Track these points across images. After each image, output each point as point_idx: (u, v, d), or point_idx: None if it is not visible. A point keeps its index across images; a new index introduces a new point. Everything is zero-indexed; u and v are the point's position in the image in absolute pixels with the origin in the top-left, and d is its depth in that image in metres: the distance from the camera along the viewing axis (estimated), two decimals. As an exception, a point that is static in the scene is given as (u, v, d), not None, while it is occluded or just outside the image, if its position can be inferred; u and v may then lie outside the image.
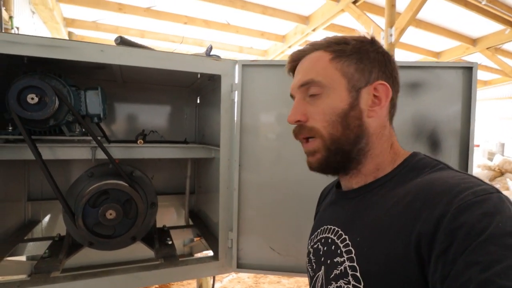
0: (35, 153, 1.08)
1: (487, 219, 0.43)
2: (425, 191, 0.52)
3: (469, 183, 0.50)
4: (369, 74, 0.65)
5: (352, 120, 0.64)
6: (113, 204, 1.17)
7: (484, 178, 5.31)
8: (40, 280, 1.09)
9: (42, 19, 3.64)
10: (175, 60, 1.20)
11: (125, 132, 1.79)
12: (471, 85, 1.25)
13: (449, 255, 0.43)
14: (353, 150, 0.65)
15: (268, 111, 1.31)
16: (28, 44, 1.02)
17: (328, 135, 0.64)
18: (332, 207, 0.77)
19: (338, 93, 0.64)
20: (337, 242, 0.66)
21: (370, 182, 0.67)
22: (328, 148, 0.65)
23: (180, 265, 1.27)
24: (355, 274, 0.57)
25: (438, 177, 0.55)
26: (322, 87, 0.65)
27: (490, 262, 0.40)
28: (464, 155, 1.26)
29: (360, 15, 3.80)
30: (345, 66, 0.65)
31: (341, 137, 0.64)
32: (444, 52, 6.04)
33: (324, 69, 0.66)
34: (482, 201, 0.45)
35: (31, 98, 1.09)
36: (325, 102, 0.65)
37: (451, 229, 0.44)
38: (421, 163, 0.63)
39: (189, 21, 4.40)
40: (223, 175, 1.31)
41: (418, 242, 0.48)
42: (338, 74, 0.65)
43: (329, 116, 0.64)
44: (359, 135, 0.64)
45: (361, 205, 0.66)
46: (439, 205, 0.48)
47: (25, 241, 1.44)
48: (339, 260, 0.62)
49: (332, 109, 0.64)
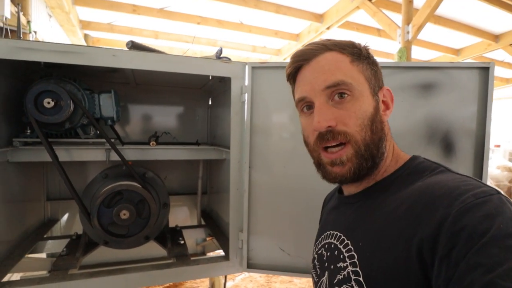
0: (52, 155, 1.12)
1: (489, 221, 0.43)
2: (426, 195, 0.52)
3: (469, 185, 0.49)
4: (378, 79, 0.67)
5: (377, 124, 0.63)
6: (127, 205, 1.20)
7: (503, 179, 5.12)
8: (59, 277, 1.13)
9: (59, 22, 3.74)
10: (185, 64, 1.22)
11: (138, 133, 1.83)
12: (488, 86, 1.21)
13: (452, 258, 0.43)
14: (378, 154, 0.63)
15: (278, 112, 1.32)
16: (44, 51, 1.06)
17: (361, 140, 0.61)
18: (334, 212, 0.77)
19: (365, 96, 0.63)
20: (339, 247, 0.66)
21: (370, 186, 0.67)
22: (361, 155, 0.61)
23: (191, 264, 1.29)
24: (358, 279, 0.57)
25: (438, 180, 0.55)
26: (352, 90, 0.62)
27: (492, 264, 0.40)
28: (479, 157, 1.23)
29: (376, 12, 3.72)
30: (364, 69, 0.64)
31: (370, 142, 0.62)
32: (465, 49, 5.84)
33: (349, 70, 0.63)
34: (483, 203, 0.45)
35: (47, 102, 1.13)
36: (356, 105, 0.61)
37: (453, 232, 0.44)
38: (420, 166, 0.62)
39: (202, 21, 4.43)
40: (234, 177, 1.32)
41: (420, 246, 0.47)
42: (362, 77, 0.63)
43: (361, 120, 0.61)
44: (381, 139, 0.64)
45: (363, 210, 0.65)
46: (440, 208, 0.47)
47: (45, 239, 1.49)
48: (342, 265, 0.62)
49: (364, 112, 0.62)
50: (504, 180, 5.02)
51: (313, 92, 0.63)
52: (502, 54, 5.87)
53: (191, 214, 1.98)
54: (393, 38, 3.57)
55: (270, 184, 1.32)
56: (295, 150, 1.30)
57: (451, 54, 5.89)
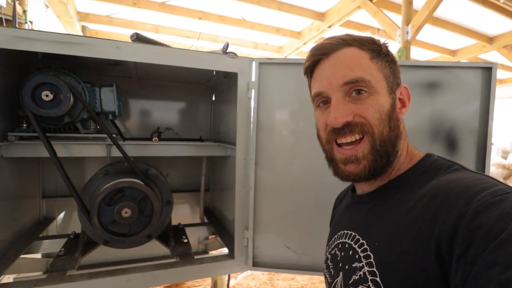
0: (50, 151, 1.07)
1: (506, 219, 0.42)
2: (442, 193, 0.51)
3: (485, 183, 0.49)
4: (396, 77, 0.66)
5: (394, 121, 0.63)
6: (129, 202, 1.16)
7: (498, 176, 5.21)
8: (57, 278, 1.08)
9: (56, 13, 3.63)
10: (191, 58, 1.18)
11: (140, 129, 1.78)
12: (490, 85, 1.25)
13: (469, 256, 0.42)
14: (393, 152, 0.63)
15: (285, 109, 1.29)
16: (44, 41, 1.01)
17: (378, 133, 0.61)
18: (348, 211, 0.76)
19: (383, 93, 0.63)
20: (354, 247, 0.65)
21: (385, 184, 0.66)
22: (376, 150, 0.61)
23: (195, 264, 1.25)
24: (375, 279, 0.56)
25: (454, 179, 0.54)
26: (370, 87, 0.61)
27: (510, 262, 0.39)
28: (482, 154, 1.26)
29: (377, 12, 3.73)
30: (383, 67, 0.64)
31: (387, 138, 0.62)
32: (460, 50, 5.92)
33: (369, 67, 0.62)
34: (500, 201, 0.45)
35: (46, 95, 1.08)
36: (374, 100, 0.61)
37: (470, 230, 0.44)
38: (435, 164, 0.62)
39: (204, 17, 4.37)
40: (239, 174, 1.29)
41: (438, 244, 0.47)
42: (380, 75, 0.63)
43: (379, 114, 0.61)
44: (397, 136, 0.64)
45: (377, 209, 0.65)
46: (457, 206, 0.47)
47: (40, 239, 1.44)
48: (357, 265, 0.61)
49: (382, 107, 0.61)
50: (499, 177, 5.10)
51: (331, 87, 0.63)
52: (496, 55, 5.95)
53: (194, 212, 1.94)
54: (393, 38, 3.58)
55: (276, 182, 1.30)
56: (301, 147, 1.28)
57: (447, 55, 5.96)
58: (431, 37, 5.19)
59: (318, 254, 1.29)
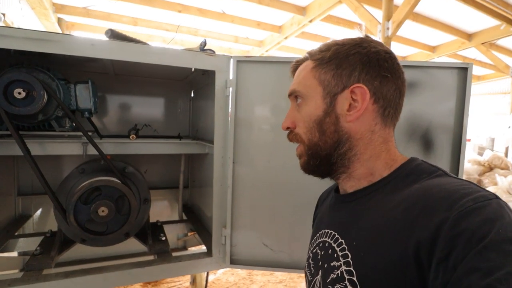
0: (23, 149, 1.06)
1: (488, 226, 0.43)
2: (424, 198, 0.52)
3: (468, 189, 0.49)
4: (347, 78, 0.63)
5: (327, 126, 0.65)
6: (105, 201, 1.16)
7: (473, 173, 5.37)
8: (32, 278, 1.08)
9: (30, 4, 3.50)
10: (168, 55, 1.17)
11: (117, 126, 1.76)
12: (466, 85, 1.26)
13: (450, 262, 0.43)
14: (333, 154, 0.66)
15: (263, 107, 1.30)
16: (16, 37, 0.98)
17: (307, 141, 0.68)
18: (330, 210, 0.77)
19: (314, 101, 0.66)
20: (333, 246, 0.65)
21: (366, 187, 0.66)
22: (307, 153, 0.69)
23: (173, 262, 1.27)
24: (352, 279, 0.56)
25: (436, 184, 0.54)
26: (302, 96, 0.69)
27: (490, 269, 0.40)
28: (456, 151, 1.28)
29: (358, 7, 3.75)
30: (323, 73, 0.65)
31: (318, 143, 0.66)
32: (440, 47, 6.02)
33: (304, 78, 0.68)
34: (482, 207, 0.45)
35: (18, 93, 1.06)
36: (304, 110, 0.68)
37: (451, 236, 0.44)
38: (418, 168, 0.62)
39: (184, 9, 4.30)
40: (217, 172, 1.29)
41: (417, 248, 0.47)
42: (316, 83, 0.66)
43: (307, 123, 0.67)
44: (337, 140, 0.65)
45: (357, 209, 0.65)
46: (439, 212, 0.47)
47: (16, 237, 1.42)
48: (335, 264, 0.62)
49: (309, 116, 0.67)
50: (474, 174, 5.26)
51: None
52: (475, 52, 6.11)
53: (172, 209, 1.94)
54: (373, 33, 3.62)
55: (254, 179, 1.31)
56: (279, 145, 1.29)
57: (427, 51, 6.07)
58: (412, 33, 5.27)
59: (295, 252, 1.31)
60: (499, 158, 5.55)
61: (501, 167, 5.41)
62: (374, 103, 0.64)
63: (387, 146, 0.66)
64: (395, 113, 0.67)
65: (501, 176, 4.91)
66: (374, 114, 0.64)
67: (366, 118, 0.64)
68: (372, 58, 0.64)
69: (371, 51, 0.64)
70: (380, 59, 0.64)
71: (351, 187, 0.69)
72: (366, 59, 0.63)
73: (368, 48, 0.64)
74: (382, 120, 0.65)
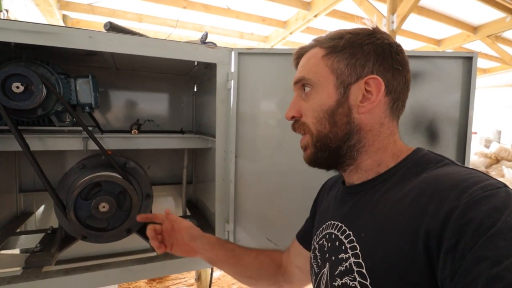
0: (22, 144, 1.04)
1: (496, 214, 0.43)
2: (431, 187, 0.51)
3: (476, 178, 0.49)
4: (361, 69, 0.63)
5: (340, 117, 0.63)
6: (106, 197, 1.14)
7: (480, 165, 5.34)
8: (32, 275, 1.06)
9: (34, 1, 3.49)
10: (168, 48, 1.15)
11: (120, 121, 1.74)
12: (471, 75, 1.25)
13: (458, 251, 0.43)
14: (342, 147, 0.65)
15: (266, 100, 1.28)
16: (11, 30, 0.96)
17: (316, 131, 0.66)
18: (336, 203, 0.76)
19: (326, 90, 0.64)
20: (341, 238, 0.65)
21: (372, 178, 0.66)
22: (314, 145, 0.66)
23: (175, 258, 1.24)
24: (361, 271, 0.56)
25: (444, 173, 0.54)
26: (312, 85, 0.66)
27: (499, 257, 0.39)
28: (462, 143, 1.27)
29: (363, 1, 3.73)
30: (336, 62, 0.64)
31: (328, 134, 0.64)
32: (445, 40, 5.97)
33: (315, 66, 0.66)
34: (490, 196, 0.45)
35: (16, 87, 1.04)
36: (314, 99, 0.66)
37: (460, 224, 0.44)
38: (425, 158, 0.62)
39: (188, 5, 4.28)
40: (219, 167, 1.27)
41: (426, 238, 0.47)
42: (327, 71, 0.64)
43: (317, 113, 0.65)
44: (348, 132, 0.64)
45: (364, 201, 0.64)
46: (447, 200, 0.47)
47: (18, 234, 1.40)
48: (343, 256, 0.61)
49: (320, 106, 0.65)
50: (481, 166, 5.22)
51: (292, 86, 0.73)
52: (480, 45, 6.03)
53: (176, 204, 1.92)
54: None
55: (257, 174, 1.28)
56: (283, 138, 1.27)
57: (432, 45, 6.01)
58: (416, 26, 5.23)
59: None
60: (506, 150, 5.50)
61: (508, 159, 5.37)
62: (386, 96, 0.64)
63: (393, 138, 0.66)
64: (402, 106, 0.68)
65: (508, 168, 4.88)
66: (384, 107, 0.64)
67: (377, 110, 0.64)
68: (386, 50, 0.63)
69: (384, 43, 0.64)
70: (393, 52, 0.64)
71: (358, 179, 0.68)
72: (380, 50, 0.63)
73: (381, 39, 0.64)
74: (391, 113, 0.66)
